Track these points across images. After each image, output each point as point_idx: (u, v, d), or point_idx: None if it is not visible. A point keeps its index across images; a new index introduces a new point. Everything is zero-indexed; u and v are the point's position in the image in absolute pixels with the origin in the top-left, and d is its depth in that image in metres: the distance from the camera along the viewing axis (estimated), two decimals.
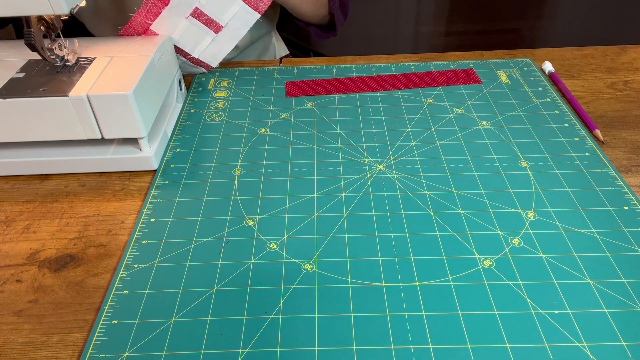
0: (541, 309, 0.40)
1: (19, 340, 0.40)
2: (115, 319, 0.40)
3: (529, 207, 0.49)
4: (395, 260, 0.44)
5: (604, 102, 0.65)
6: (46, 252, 0.47)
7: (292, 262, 0.44)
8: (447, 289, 0.42)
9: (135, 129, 0.53)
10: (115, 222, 0.50)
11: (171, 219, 0.49)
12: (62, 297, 0.43)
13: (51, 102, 0.51)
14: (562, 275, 0.42)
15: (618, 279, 0.42)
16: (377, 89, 0.68)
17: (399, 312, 0.40)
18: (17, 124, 0.52)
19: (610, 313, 0.39)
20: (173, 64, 0.64)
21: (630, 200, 0.49)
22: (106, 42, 0.61)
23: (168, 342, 0.39)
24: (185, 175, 0.55)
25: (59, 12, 0.48)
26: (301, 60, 0.78)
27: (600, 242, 0.45)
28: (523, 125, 0.60)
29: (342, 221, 0.48)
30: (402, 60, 0.75)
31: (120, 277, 0.44)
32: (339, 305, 0.41)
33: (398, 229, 0.47)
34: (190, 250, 0.46)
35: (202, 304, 0.41)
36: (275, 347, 0.38)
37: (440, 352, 0.37)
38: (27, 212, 0.51)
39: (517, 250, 0.45)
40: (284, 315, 0.40)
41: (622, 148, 0.57)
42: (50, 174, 0.56)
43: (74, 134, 0.53)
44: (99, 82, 0.52)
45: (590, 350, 0.37)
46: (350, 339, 0.38)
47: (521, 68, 0.72)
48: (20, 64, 0.57)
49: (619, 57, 0.75)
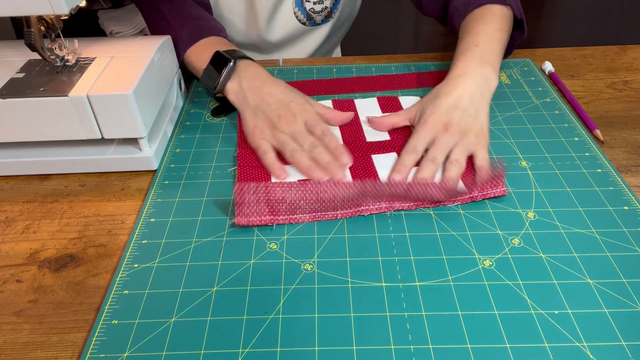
0: (541, 308, 0.40)
1: (19, 340, 0.40)
2: (115, 319, 0.40)
3: (529, 207, 0.49)
4: (395, 260, 0.44)
5: (604, 102, 0.65)
6: (46, 252, 0.47)
7: (292, 262, 0.44)
8: (447, 289, 0.42)
9: (135, 129, 0.53)
10: (115, 222, 0.50)
11: (171, 219, 0.49)
12: (62, 297, 0.43)
13: (51, 102, 0.51)
14: (562, 275, 0.42)
15: (618, 279, 0.42)
16: (377, 89, 0.68)
17: (399, 312, 0.40)
18: (17, 124, 0.52)
19: (610, 313, 0.39)
20: (173, 64, 0.64)
21: (630, 200, 0.49)
22: (106, 42, 0.61)
23: (168, 342, 0.39)
24: (185, 175, 0.55)
25: (59, 12, 0.48)
26: (301, 60, 0.78)
27: (600, 242, 0.45)
28: (523, 125, 0.60)
29: (342, 221, 0.48)
30: (402, 60, 0.75)
31: (120, 277, 0.44)
32: (339, 305, 0.41)
33: (398, 229, 0.47)
34: (190, 250, 0.46)
35: (202, 304, 0.41)
36: (275, 347, 0.38)
37: (440, 352, 0.37)
38: (27, 212, 0.51)
39: (517, 250, 0.45)
40: (284, 315, 0.40)
41: (622, 148, 0.57)
42: (50, 174, 0.56)
43: (74, 134, 0.53)
44: (99, 82, 0.52)
45: (590, 350, 0.37)
46: (350, 339, 0.38)
47: (521, 68, 0.72)
48: (20, 64, 0.57)
49: (619, 57, 0.75)
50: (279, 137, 0.55)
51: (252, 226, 0.48)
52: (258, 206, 0.47)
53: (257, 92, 0.59)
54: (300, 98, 0.59)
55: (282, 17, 0.80)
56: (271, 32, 0.82)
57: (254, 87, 0.59)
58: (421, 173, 0.50)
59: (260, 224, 0.48)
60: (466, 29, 0.64)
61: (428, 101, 0.57)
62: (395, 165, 0.52)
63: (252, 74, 0.61)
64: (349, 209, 0.48)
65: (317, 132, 0.55)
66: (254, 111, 0.58)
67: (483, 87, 0.57)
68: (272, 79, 0.61)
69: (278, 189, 0.46)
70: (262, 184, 0.46)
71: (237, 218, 0.47)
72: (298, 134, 0.55)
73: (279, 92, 0.59)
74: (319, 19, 0.82)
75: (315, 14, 0.81)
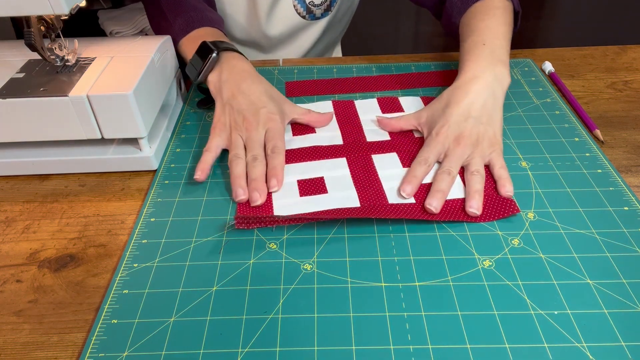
0: (541, 309, 0.40)
1: (19, 340, 0.40)
2: (115, 319, 0.40)
3: (529, 208, 0.49)
4: (394, 260, 0.44)
5: (604, 102, 0.65)
6: (46, 252, 0.47)
7: (291, 262, 0.44)
8: (446, 289, 0.42)
9: (135, 129, 0.53)
10: (115, 222, 0.50)
11: (171, 219, 0.49)
12: (62, 297, 0.43)
13: (51, 102, 0.51)
14: (561, 275, 0.42)
15: (618, 279, 0.42)
16: (377, 89, 0.68)
17: (399, 312, 0.40)
18: (17, 124, 0.52)
19: (610, 314, 0.39)
20: (173, 64, 0.64)
21: (630, 200, 0.49)
22: (106, 42, 0.61)
23: (167, 342, 0.39)
24: (185, 175, 0.55)
25: (59, 12, 0.48)
26: (301, 61, 0.78)
27: (600, 242, 0.45)
28: (523, 125, 0.60)
29: (342, 221, 0.48)
30: (402, 60, 0.75)
31: (120, 277, 0.44)
32: (338, 305, 0.41)
33: (398, 229, 0.47)
34: (190, 250, 0.46)
35: (202, 303, 0.41)
36: (274, 347, 0.38)
37: (439, 352, 0.37)
38: (27, 212, 0.52)
39: (517, 250, 0.45)
40: (283, 315, 0.40)
41: (622, 148, 0.57)
42: (50, 174, 0.56)
43: (74, 134, 0.53)
44: (99, 82, 0.52)
45: (589, 351, 0.37)
46: (349, 339, 0.38)
47: (521, 68, 0.72)
48: (20, 64, 0.57)
49: (619, 57, 0.75)
50: (234, 137, 0.55)
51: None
52: (259, 223, 0.47)
53: (234, 87, 0.58)
54: (274, 107, 0.57)
55: (282, 11, 0.81)
56: (271, 26, 0.82)
57: (232, 80, 0.58)
58: (437, 185, 0.49)
59: (259, 226, 0.48)
60: (469, 27, 0.62)
61: (439, 109, 0.56)
62: (406, 176, 0.51)
63: (234, 67, 0.60)
64: None
65: (269, 147, 0.54)
66: (223, 106, 0.57)
67: (496, 89, 0.55)
68: (254, 76, 0.59)
69: (281, 220, 0.47)
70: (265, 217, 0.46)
71: (237, 223, 0.47)
72: (251, 142, 0.54)
73: (255, 93, 0.57)
74: (318, 12, 0.82)
75: (315, 7, 0.81)
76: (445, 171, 0.50)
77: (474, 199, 0.48)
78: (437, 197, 0.48)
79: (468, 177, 0.50)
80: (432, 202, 0.48)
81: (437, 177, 0.50)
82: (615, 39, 2.15)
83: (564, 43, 0.86)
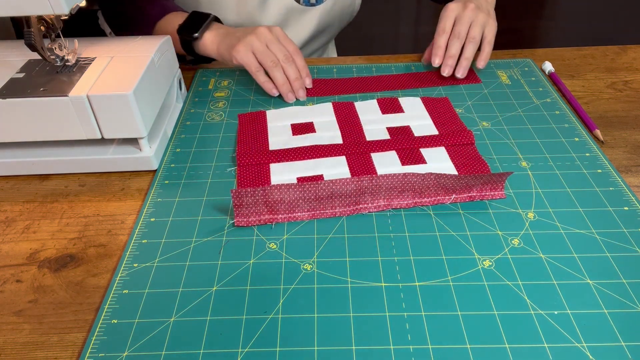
0: (541, 309, 0.40)
1: (19, 340, 0.40)
2: (115, 319, 0.40)
3: (528, 208, 0.49)
4: (394, 260, 0.44)
5: (604, 102, 0.65)
6: (46, 252, 0.47)
7: (291, 262, 0.44)
8: (446, 289, 0.42)
9: (136, 129, 0.53)
10: (115, 222, 0.50)
11: (171, 219, 0.49)
12: (62, 297, 0.43)
13: (51, 102, 0.51)
14: (561, 275, 0.42)
15: (618, 279, 0.42)
16: (377, 89, 0.68)
17: (399, 312, 0.40)
18: (17, 124, 0.52)
19: (609, 314, 0.39)
20: (173, 64, 0.64)
21: (630, 200, 0.49)
22: (106, 42, 0.61)
23: (167, 342, 0.39)
24: (185, 175, 0.55)
25: (59, 12, 0.48)
26: None
27: (600, 242, 0.45)
28: (523, 125, 0.60)
29: (341, 221, 0.48)
30: (402, 60, 0.75)
31: (120, 277, 0.44)
32: (338, 305, 0.41)
33: (398, 229, 0.47)
34: (190, 250, 0.46)
35: (202, 303, 0.41)
36: (274, 347, 0.38)
37: (439, 352, 0.37)
38: (27, 212, 0.52)
39: (517, 250, 0.45)
40: (283, 315, 0.40)
41: (622, 148, 0.57)
42: (50, 174, 0.56)
43: (74, 134, 0.53)
44: (99, 82, 0.52)
45: (589, 351, 0.37)
46: (349, 339, 0.38)
47: (521, 68, 0.72)
48: (20, 64, 0.57)
49: (619, 57, 0.75)
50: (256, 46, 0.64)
51: (251, 226, 0.48)
52: (256, 207, 0.47)
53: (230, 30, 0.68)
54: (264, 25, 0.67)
55: None
56: (264, 13, 0.80)
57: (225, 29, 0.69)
58: (450, 51, 0.66)
59: (259, 224, 0.48)
60: None
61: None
62: (433, 50, 0.67)
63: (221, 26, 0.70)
64: (347, 207, 0.48)
65: (290, 49, 0.65)
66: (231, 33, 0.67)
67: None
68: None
69: (276, 191, 0.46)
70: (260, 188, 0.46)
71: (237, 219, 0.47)
72: (272, 43, 0.64)
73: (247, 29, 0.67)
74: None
75: None
76: (456, 35, 0.66)
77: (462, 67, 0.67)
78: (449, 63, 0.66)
79: (465, 44, 0.66)
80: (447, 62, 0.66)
81: (450, 43, 0.66)
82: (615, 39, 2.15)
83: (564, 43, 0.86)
